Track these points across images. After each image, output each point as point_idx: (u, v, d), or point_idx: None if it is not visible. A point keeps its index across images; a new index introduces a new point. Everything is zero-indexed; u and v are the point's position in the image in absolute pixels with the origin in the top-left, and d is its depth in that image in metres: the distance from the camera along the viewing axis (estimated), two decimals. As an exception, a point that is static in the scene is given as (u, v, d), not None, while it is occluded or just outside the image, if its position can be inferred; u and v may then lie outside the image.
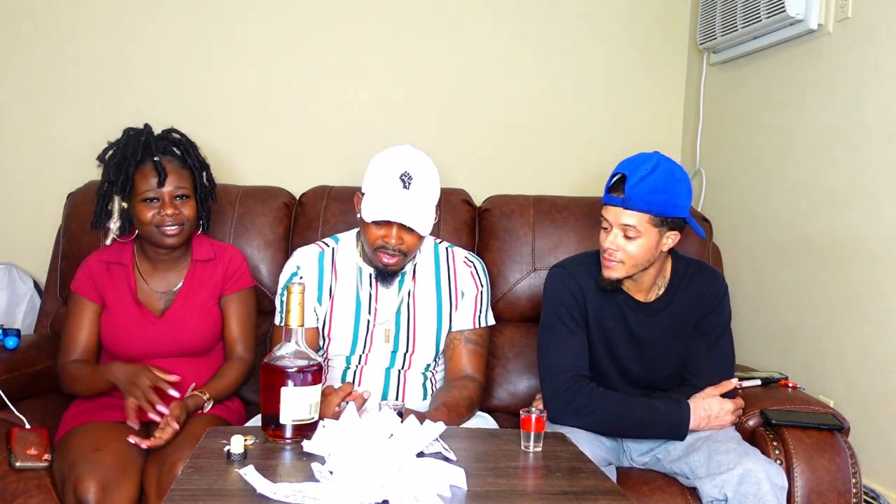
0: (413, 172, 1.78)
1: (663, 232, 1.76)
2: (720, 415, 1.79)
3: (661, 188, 1.72)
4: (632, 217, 1.73)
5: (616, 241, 1.76)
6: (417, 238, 1.83)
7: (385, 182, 1.78)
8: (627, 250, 1.75)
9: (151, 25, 2.63)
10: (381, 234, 1.80)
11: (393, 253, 1.81)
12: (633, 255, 1.76)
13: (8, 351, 2.03)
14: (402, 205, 1.77)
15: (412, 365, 1.94)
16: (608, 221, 1.77)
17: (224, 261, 2.01)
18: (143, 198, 1.88)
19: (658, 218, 1.73)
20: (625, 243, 1.75)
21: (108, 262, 1.97)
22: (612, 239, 1.76)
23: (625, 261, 1.77)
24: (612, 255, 1.77)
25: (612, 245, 1.76)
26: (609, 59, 2.84)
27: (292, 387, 1.42)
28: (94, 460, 1.67)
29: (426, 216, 1.79)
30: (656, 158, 1.75)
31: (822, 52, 2.20)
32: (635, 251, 1.75)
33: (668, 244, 1.78)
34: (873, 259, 2.00)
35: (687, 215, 1.78)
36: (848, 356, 2.08)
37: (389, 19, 2.73)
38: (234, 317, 2.00)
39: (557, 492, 1.28)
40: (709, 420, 1.78)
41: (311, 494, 1.18)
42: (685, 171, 1.81)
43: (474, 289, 1.97)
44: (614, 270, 1.78)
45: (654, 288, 1.87)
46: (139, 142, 1.91)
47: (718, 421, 1.79)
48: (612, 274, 1.79)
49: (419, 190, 1.79)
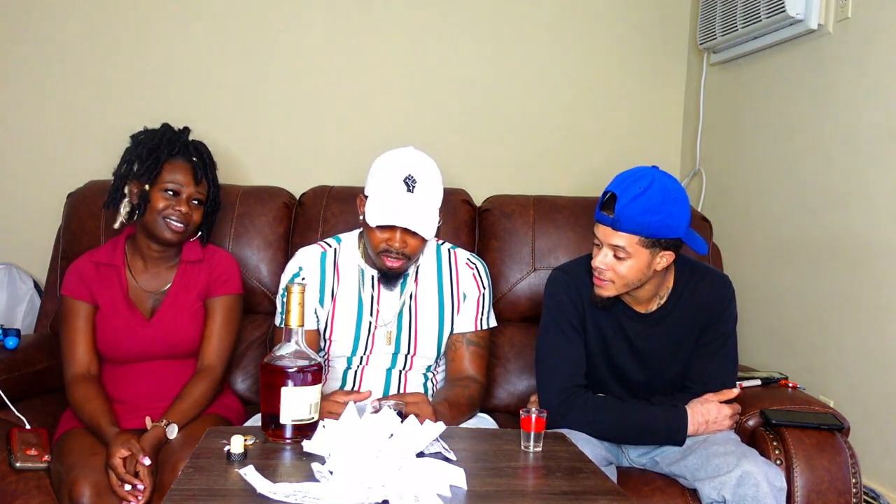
0: (417, 176, 1.77)
1: (656, 253, 1.70)
2: (718, 419, 1.77)
3: (653, 209, 1.65)
4: (621, 238, 1.67)
5: (606, 261, 1.72)
6: (421, 241, 1.82)
7: (389, 186, 1.77)
8: (618, 270, 1.71)
9: (151, 26, 2.63)
10: (385, 238, 1.79)
11: (397, 256, 1.80)
12: (624, 276, 1.71)
13: (8, 351, 2.03)
14: (407, 209, 1.76)
15: (413, 366, 1.94)
16: (599, 239, 1.73)
17: (212, 263, 2.00)
18: (165, 188, 1.89)
19: (650, 239, 1.67)
20: (615, 263, 1.70)
21: (99, 263, 1.96)
22: (602, 258, 1.72)
23: (615, 280, 1.72)
24: (601, 273, 1.73)
25: (601, 264, 1.72)
26: (609, 60, 2.84)
27: (292, 387, 1.42)
28: (89, 464, 1.67)
29: (430, 219, 1.78)
30: (651, 177, 1.68)
31: (822, 52, 2.20)
32: (625, 271, 1.70)
33: (662, 264, 1.73)
34: (873, 259, 2.00)
35: (683, 234, 1.71)
36: (848, 356, 2.08)
37: (390, 20, 2.73)
38: (213, 322, 1.95)
39: (557, 492, 1.28)
40: (707, 425, 1.77)
41: (311, 494, 1.18)
42: (682, 188, 1.74)
43: (476, 291, 1.97)
44: (605, 289, 1.75)
45: (655, 299, 1.83)
46: (177, 136, 1.96)
47: (717, 426, 1.78)
48: (603, 293, 1.76)
49: (423, 193, 1.78)
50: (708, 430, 1.78)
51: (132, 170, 1.93)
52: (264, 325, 2.30)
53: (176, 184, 1.90)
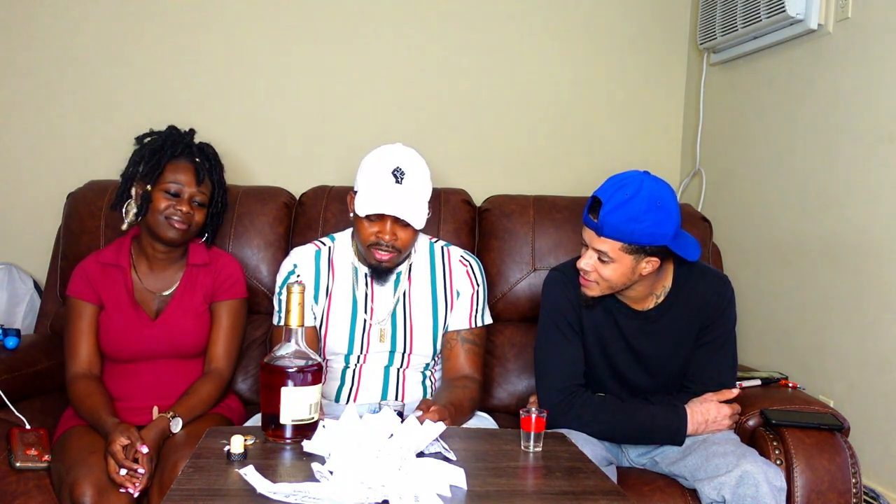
0: (405, 167, 1.80)
1: (640, 259, 1.69)
2: (718, 419, 1.78)
3: (637, 217, 1.64)
4: (604, 244, 1.68)
5: (590, 263, 1.72)
6: (411, 234, 1.84)
7: (377, 178, 1.80)
8: (601, 273, 1.72)
9: (151, 27, 2.63)
10: (375, 231, 1.81)
11: (387, 249, 1.82)
12: (608, 278, 1.72)
13: (8, 351, 2.03)
14: (396, 198, 1.78)
15: (410, 364, 1.94)
16: (585, 241, 1.74)
17: (217, 266, 2.01)
18: (167, 189, 1.90)
19: (633, 246, 1.67)
20: (599, 266, 1.71)
21: (105, 263, 1.97)
22: (587, 260, 1.73)
23: (599, 282, 1.74)
24: (586, 275, 1.75)
25: (586, 266, 1.74)
26: (609, 59, 2.84)
27: (292, 387, 1.42)
28: (90, 463, 1.67)
29: (419, 210, 1.80)
30: (638, 183, 1.66)
31: (822, 52, 2.20)
32: (609, 275, 1.71)
33: (647, 269, 1.72)
34: (873, 259, 2.00)
35: (669, 242, 1.69)
36: (848, 356, 2.08)
37: (390, 20, 2.73)
38: (220, 326, 1.98)
39: (557, 492, 1.28)
40: (706, 424, 1.78)
41: (311, 494, 1.19)
42: (673, 194, 1.72)
43: (470, 288, 1.97)
44: (590, 290, 1.77)
45: (652, 297, 1.82)
46: (181, 138, 1.97)
47: (716, 425, 1.78)
48: (588, 293, 1.78)
49: (412, 184, 1.80)
50: (707, 430, 1.78)
51: (138, 171, 1.94)
52: (264, 325, 2.30)
53: (177, 184, 1.91)
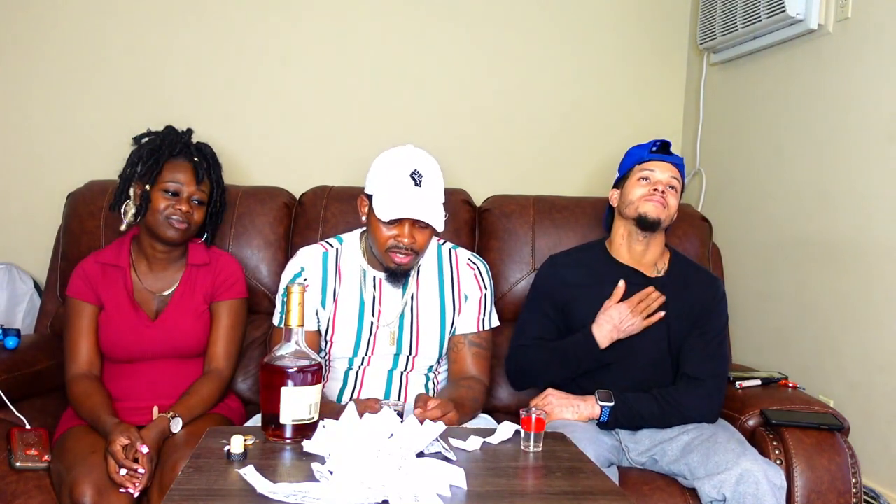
0: (422, 170, 1.80)
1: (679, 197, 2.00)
2: (624, 318, 1.88)
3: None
4: (677, 178, 1.97)
5: (667, 187, 1.95)
6: (429, 236, 1.84)
7: (396, 181, 1.78)
8: (670, 202, 1.95)
9: (152, 28, 2.63)
10: (394, 234, 1.80)
11: (406, 252, 1.81)
12: (673, 206, 1.96)
13: (8, 351, 2.03)
14: (416, 201, 1.77)
15: (415, 367, 1.93)
16: (654, 174, 1.95)
17: (218, 266, 2.01)
18: (165, 188, 1.90)
19: (682, 183, 2.01)
20: (671, 194, 1.95)
21: (105, 264, 1.97)
22: (668, 187, 1.95)
23: (668, 207, 1.94)
24: (663, 196, 1.93)
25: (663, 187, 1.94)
26: (609, 59, 2.84)
27: (292, 387, 1.42)
28: (90, 463, 1.67)
29: (439, 212, 1.80)
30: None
31: (822, 52, 2.20)
32: (674, 204, 1.97)
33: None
34: (873, 259, 2.00)
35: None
36: (848, 356, 2.08)
37: (390, 20, 2.73)
38: (220, 326, 1.98)
39: (557, 492, 1.28)
40: (618, 329, 1.88)
41: (311, 494, 1.18)
42: None
43: (478, 292, 1.97)
44: (658, 213, 1.93)
45: (655, 268, 2.00)
46: (179, 138, 1.97)
47: (629, 325, 1.88)
48: (659, 214, 1.93)
49: (429, 187, 1.80)
50: (625, 332, 1.88)
51: (136, 171, 1.94)
52: (264, 325, 2.30)
53: (176, 183, 1.91)
